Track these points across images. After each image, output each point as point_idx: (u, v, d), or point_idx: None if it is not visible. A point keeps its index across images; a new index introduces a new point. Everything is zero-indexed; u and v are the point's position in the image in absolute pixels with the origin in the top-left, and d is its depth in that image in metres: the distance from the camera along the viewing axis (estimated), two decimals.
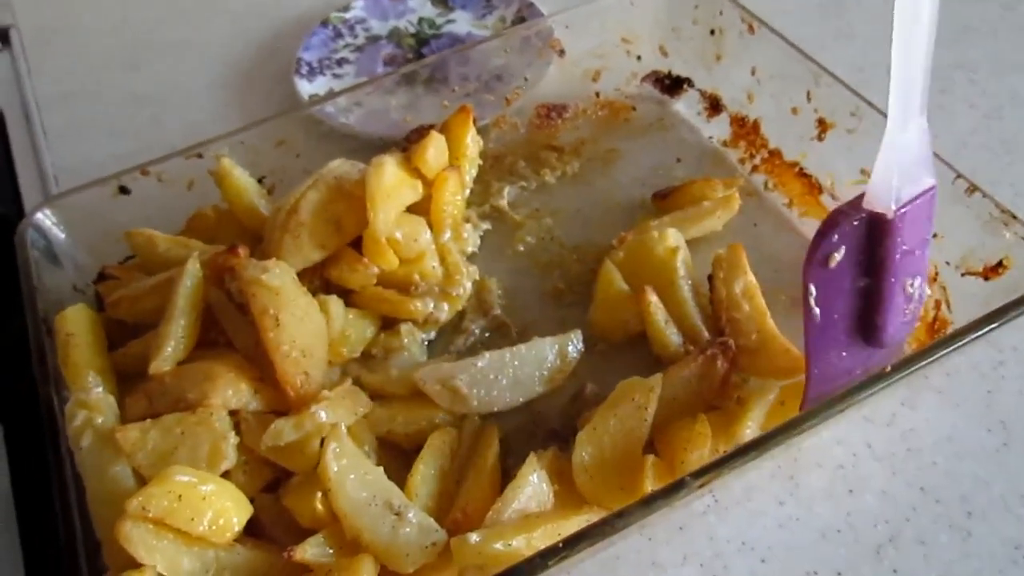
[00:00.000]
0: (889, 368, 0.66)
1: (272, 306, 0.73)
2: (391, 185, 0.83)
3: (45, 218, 0.87)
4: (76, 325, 0.77)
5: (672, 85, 1.09)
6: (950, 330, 0.78)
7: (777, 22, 0.96)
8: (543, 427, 0.80)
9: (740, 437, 0.72)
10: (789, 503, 0.74)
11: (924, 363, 0.67)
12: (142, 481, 0.68)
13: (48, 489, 0.69)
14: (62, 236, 0.88)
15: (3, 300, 0.97)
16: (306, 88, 1.16)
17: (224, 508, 0.64)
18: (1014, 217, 0.74)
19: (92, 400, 0.72)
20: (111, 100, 1.25)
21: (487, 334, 0.88)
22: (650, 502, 0.61)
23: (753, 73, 0.99)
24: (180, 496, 0.63)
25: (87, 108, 1.23)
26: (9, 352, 0.92)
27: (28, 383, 0.78)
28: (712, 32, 1.03)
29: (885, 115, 0.83)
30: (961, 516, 0.72)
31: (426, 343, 0.87)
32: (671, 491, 0.62)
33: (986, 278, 0.76)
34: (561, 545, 0.59)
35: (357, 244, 0.85)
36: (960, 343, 0.68)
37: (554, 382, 0.80)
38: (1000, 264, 0.75)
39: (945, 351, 0.67)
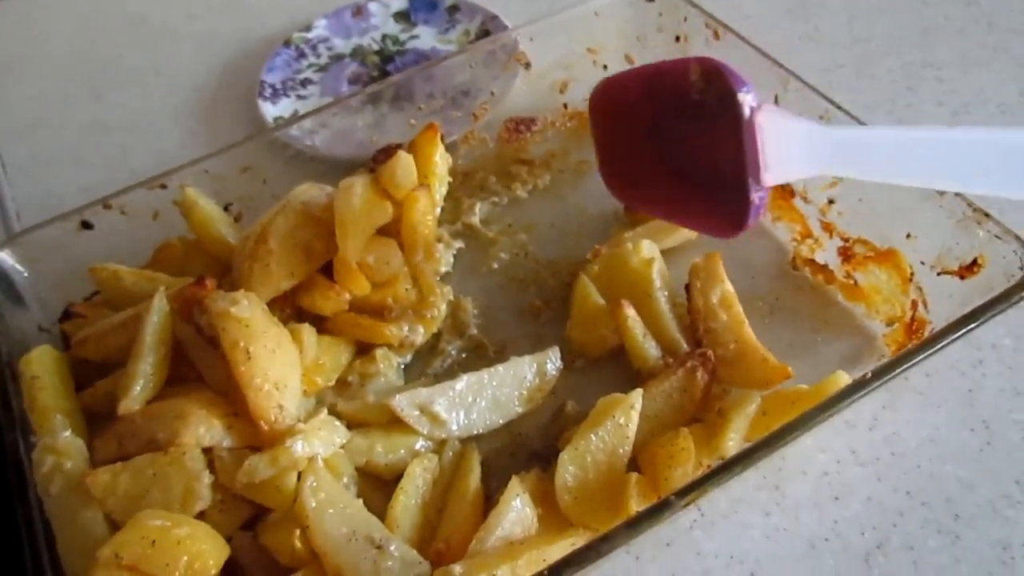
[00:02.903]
0: (870, 374, 0.66)
1: (242, 339, 0.71)
2: (360, 209, 0.81)
3: (7, 257, 0.85)
4: (42, 367, 0.75)
5: None
6: (928, 330, 0.77)
7: (741, 27, 0.96)
8: (524, 448, 0.79)
9: (723, 450, 0.71)
10: (775, 513, 0.74)
11: (907, 366, 0.67)
12: (114, 527, 0.66)
13: (15, 537, 0.67)
14: (25, 274, 0.86)
15: None
16: (270, 111, 1.14)
17: (200, 551, 0.62)
18: (986, 215, 0.74)
19: (60, 445, 0.70)
20: (74, 129, 1.23)
21: (464, 354, 0.87)
22: (635, 524, 0.60)
23: None
24: (154, 542, 0.61)
25: (49, 139, 1.21)
26: None
27: None
28: (677, 39, 1.02)
29: (854, 117, 0.84)
30: (948, 519, 0.71)
31: (402, 367, 0.85)
32: (656, 511, 0.61)
33: (962, 277, 0.75)
34: (547, 573, 0.58)
35: (327, 269, 0.83)
36: (941, 344, 0.68)
37: (533, 401, 0.79)
38: (975, 263, 0.74)
39: (927, 353, 0.67)
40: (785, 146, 0.67)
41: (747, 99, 0.68)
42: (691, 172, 0.73)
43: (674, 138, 0.75)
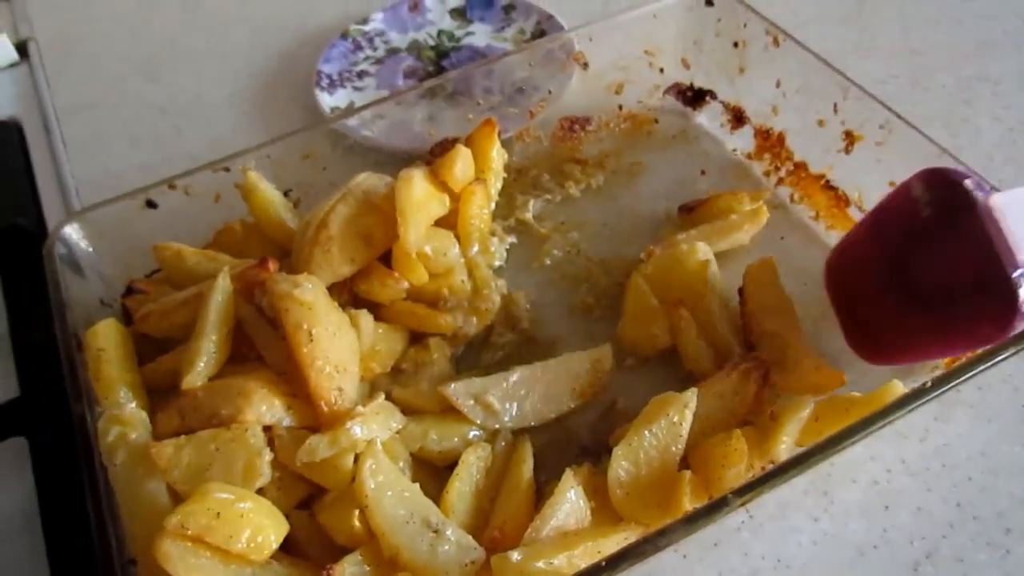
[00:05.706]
0: (929, 383, 0.66)
1: (305, 321, 0.73)
2: (420, 199, 0.82)
3: (72, 232, 0.86)
4: (107, 340, 0.76)
5: (694, 97, 1.09)
6: None
7: (795, 34, 0.96)
8: (574, 443, 0.79)
9: (774, 453, 0.71)
10: (824, 519, 0.74)
11: (966, 377, 0.67)
12: (176, 498, 0.67)
13: (75, 504, 0.68)
14: (89, 249, 0.87)
15: (26, 313, 0.97)
16: (327, 101, 1.16)
17: (262, 525, 0.64)
18: None
19: (125, 416, 0.71)
20: (130, 110, 1.25)
21: (516, 348, 0.88)
22: (693, 520, 0.61)
23: (778, 85, 0.98)
24: (219, 513, 0.62)
25: (107, 119, 1.23)
26: (33, 365, 0.92)
27: (52, 396, 0.77)
28: (735, 44, 1.03)
29: (916, 128, 0.84)
30: (999, 533, 0.72)
31: (455, 357, 0.86)
32: (713, 509, 0.61)
33: None
34: (604, 564, 0.59)
35: (385, 257, 0.84)
36: (1000, 357, 0.68)
37: (585, 397, 0.80)
38: None
39: (986, 365, 0.67)
40: None
41: (976, 189, 0.67)
42: (945, 292, 0.70)
43: (917, 267, 0.72)
